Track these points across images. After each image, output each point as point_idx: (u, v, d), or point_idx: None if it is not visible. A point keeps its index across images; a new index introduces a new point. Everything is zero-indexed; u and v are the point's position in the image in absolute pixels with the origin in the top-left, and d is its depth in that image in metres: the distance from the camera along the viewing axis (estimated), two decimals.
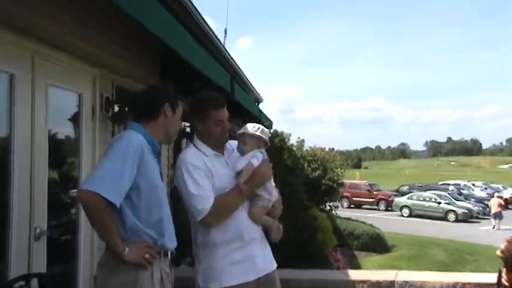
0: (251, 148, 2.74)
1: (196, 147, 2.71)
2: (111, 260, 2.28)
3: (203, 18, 5.03)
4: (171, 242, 2.46)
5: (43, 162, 3.37)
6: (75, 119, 4.00)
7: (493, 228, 22.41)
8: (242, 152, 2.75)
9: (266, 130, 2.84)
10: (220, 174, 2.65)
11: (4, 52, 3.00)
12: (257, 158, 2.69)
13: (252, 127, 2.79)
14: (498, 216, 22.87)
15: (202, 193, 2.54)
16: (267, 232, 2.83)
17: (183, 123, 5.45)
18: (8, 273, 2.95)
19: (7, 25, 2.96)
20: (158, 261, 2.36)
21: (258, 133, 2.77)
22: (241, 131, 2.80)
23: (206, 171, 2.60)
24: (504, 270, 3.05)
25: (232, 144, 2.82)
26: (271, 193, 2.75)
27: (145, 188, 2.31)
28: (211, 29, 5.44)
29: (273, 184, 2.85)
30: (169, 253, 2.48)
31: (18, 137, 3.09)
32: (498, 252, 3.07)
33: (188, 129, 6.53)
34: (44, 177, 3.39)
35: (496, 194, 27.44)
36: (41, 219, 3.31)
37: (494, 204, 23.44)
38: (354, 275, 4.70)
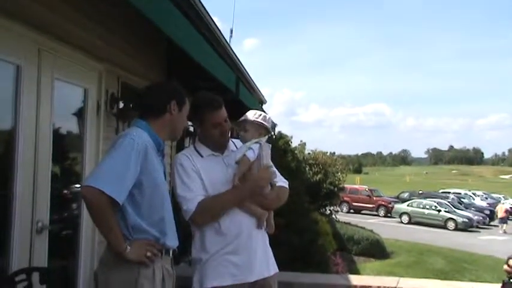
0: (252, 135, 2.69)
1: (195, 147, 2.71)
2: (113, 257, 2.26)
3: (211, 18, 5.02)
4: (172, 240, 2.44)
5: (47, 155, 3.36)
6: (80, 114, 3.98)
7: (503, 232, 24.40)
8: (243, 139, 2.71)
9: (268, 117, 2.78)
10: (214, 173, 2.62)
11: (11, 43, 2.99)
12: (253, 150, 2.63)
13: (252, 114, 2.75)
14: (504, 221, 25.08)
15: (188, 194, 2.54)
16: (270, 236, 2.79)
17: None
18: (9, 266, 2.93)
19: (15, 17, 2.94)
20: (160, 259, 2.35)
21: (258, 119, 2.72)
22: (242, 118, 2.76)
23: (196, 172, 2.59)
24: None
25: (237, 143, 2.79)
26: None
27: (149, 186, 2.29)
28: (218, 28, 5.43)
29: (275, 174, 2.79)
30: (171, 251, 2.46)
31: (23, 129, 3.07)
32: (505, 267, 3.06)
33: (191, 129, 6.52)
34: (47, 171, 3.37)
35: (502, 201, 28.98)
36: (43, 213, 3.30)
37: (500, 210, 25.67)
38: (356, 280, 4.66)
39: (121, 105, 4.45)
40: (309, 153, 16.06)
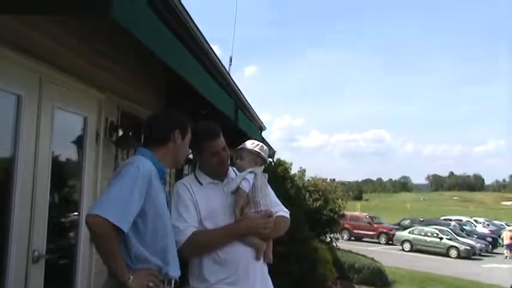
0: (248, 164, 2.71)
1: (195, 175, 2.74)
2: (115, 286, 2.23)
3: (210, 47, 5.08)
4: (175, 269, 2.42)
5: (45, 184, 3.35)
6: (79, 142, 4.00)
7: (506, 258, 24.92)
8: (239, 168, 2.73)
9: (265, 148, 2.81)
10: (212, 201, 2.63)
11: (13, 73, 3.02)
12: (248, 180, 2.63)
13: (250, 143, 2.79)
14: (510, 247, 25.40)
15: (180, 225, 2.54)
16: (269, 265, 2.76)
17: None
18: None
19: (16, 46, 2.98)
20: None
21: (256, 149, 2.75)
22: (240, 146, 2.79)
23: (193, 202, 2.60)
24: None
25: (237, 170, 2.79)
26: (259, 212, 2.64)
27: (152, 215, 2.29)
28: (217, 57, 5.49)
29: (274, 202, 2.78)
30: (172, 281, 2.44)
31: (22, 158, 3.08)
32: None
33: (191, 156, 6.52)
34: (45, 200, 3.36)
35: (508, 228, 29.24)
36: (40, 242, 3.27)
37: (506, 236, 25.91)
38: None
39: (120, 133, 4.46)
40: (308, 180, 16.00)
